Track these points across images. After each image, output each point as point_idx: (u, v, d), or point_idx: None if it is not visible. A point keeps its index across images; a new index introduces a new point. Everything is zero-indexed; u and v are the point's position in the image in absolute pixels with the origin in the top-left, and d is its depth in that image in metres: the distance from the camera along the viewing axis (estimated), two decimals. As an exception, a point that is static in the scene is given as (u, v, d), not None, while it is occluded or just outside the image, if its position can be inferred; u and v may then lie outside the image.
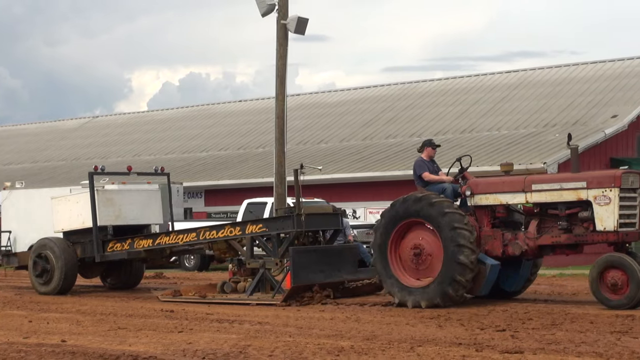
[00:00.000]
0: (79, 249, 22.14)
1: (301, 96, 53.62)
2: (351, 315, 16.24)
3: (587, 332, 13.24)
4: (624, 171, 16.29)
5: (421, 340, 12.75)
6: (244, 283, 19.58)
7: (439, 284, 16.52)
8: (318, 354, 11.63)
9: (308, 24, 29.92)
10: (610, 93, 39.07)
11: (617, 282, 15.54)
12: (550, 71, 43.94)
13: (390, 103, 46.79)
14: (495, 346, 11.97)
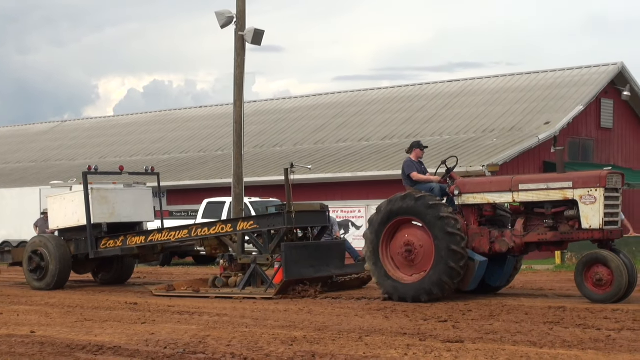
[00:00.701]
0: (73, 246, 21.76)
1: (258, 103, 53.46)
2: (304, 307, 16.23)
3: (522, 322, 13.33)
4: (609, 172, 16.04)
5: (369, 330, 12.77)
6: (235, 278, 19.24)
7: (434, 275, 16.19)
8: (273, 344, 11.61)
9: (264, 36, 29.92)
10: (543, 102, 39.31)
11: (601, 278, 15.37)
12: (489, 81, 44.14)
13: (340, 109, 46.78)
14: (437, 336, 12.02)
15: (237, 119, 30.51)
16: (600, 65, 40.59)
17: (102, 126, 59.04)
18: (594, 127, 39.45)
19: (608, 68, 40.12)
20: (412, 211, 16.56)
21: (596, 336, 11.70)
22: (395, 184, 34.00)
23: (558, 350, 10.65)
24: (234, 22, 29.79)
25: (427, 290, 16.20)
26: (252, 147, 43.63)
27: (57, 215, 22.22)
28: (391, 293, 16.70)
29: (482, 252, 16.46)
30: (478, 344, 11.22)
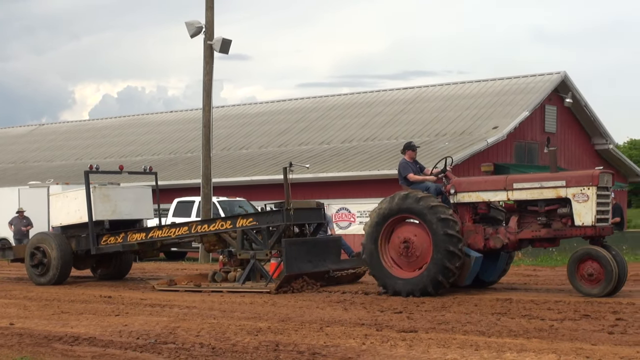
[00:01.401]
0: (74, 243, 21.28)
1: (225, 108, 53.35)
2: (268, 300, 16.21)
3: (472, 313, 13.40)
4: (601, 171, 15.68)
5: (329, 321, 12.78)
6: (234, 273, 18.77)
7: (430, 273, 15.80)
8: (239, 334, 11.60)
9: (232, 45, 29.91)
10: (492, 107, 39.58)
11: (593, 273, 15.06)
12: (441, 88, 44.34)
13: (303, 114, 46.80)
14: (393, 326, 12.05)
15: (206, 123, 30.52)
16: (545, 74, 40.95)
17: (78, 129, 58.64)
18: (538, 131, 39.76)
19: (552, 77, 40.48)
20: (414, 211, 16.16)
21: (540, 326, 11.79)
22: (355, 184, 34.30)
23: (505, 339, 10.72)
24: (203, 32, 29.83)
25: (422, 287, 15.84)
26: (220, 149, 43.52)
27: (59, 212, 21.75)
28: (387, 288, 16.33)
29: (477, 249, 16.18)
30: (431, 334, 11.27)
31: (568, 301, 14.57)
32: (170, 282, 19.25)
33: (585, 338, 10.61)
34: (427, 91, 44.47)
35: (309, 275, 17.95)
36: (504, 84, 41.59)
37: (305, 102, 49.40)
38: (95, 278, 23.05)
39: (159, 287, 19.06)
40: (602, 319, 12.32)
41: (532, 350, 9.75)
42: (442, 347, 10.14)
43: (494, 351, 9.79)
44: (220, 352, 10.30)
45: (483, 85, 42.55)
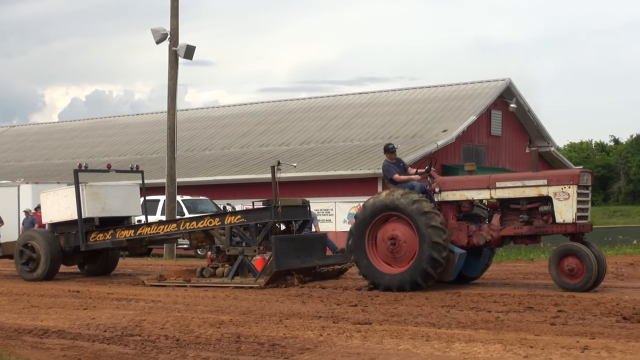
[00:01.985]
0: (62, 240, 20.77)
1: (189, 111, 53.05)
2: (230, 294, 16.14)
3: (423, 306, 13.44)
4: (581, 170, 15.51)
5: (288, 314, 12.76)
6: (222, 268, 18.35)
7: (418, 266, 15.43)
8: (202, 327, 11.54)
9: (195, 51, 29.80)
10: (441, 112, 39.78)
11: (573, 268, 14.84)
12: (394, 93, 44.49)
13: (263, 117, 46.71)
14: (349, 318, 12.06)
15: (171, 126, 30.35)
16: (491, 81, 41.24)
17: (48, 131, 58.05)
18: (485, 134, 40.04)
19: (497, 83, 40.77)
20: (396, 207, 15.82)
21: (487, 317, 11.86)
22: (313, 184, 34.27)
23: (454, 330, 10.76)
24: (168, 39, 29.66)
25: (412, 280, 15.50)
26: (184, 150, 43.28)
27: (49, 209, 21.11)
28: (377, 284, 15.88)
29: (461, 245, 15.86)
30: (384, 326, 11.29)
31: (513, 294, 14.66)
32: (160, 278, 18.81)
33: (529, 329, 10.69)
34: (381, 96, 44.59)
35: (297, 271, 17.52)
36: (452, 90, 41.82)
37: (265, 106, 49.31)
38: (82, 274, 22.54)
39: (149, 282, 18.64)
40: (544, 311, 12.42)
41: (480, 341, 9.80)
42: (395, 338, 10.17)
43: (444, 341, 9.83)
44: (184, 343, 10.24)
45: (433, 90, 42.76)
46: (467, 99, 40.03)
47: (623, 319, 11.41)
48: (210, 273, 18.47)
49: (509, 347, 9.31)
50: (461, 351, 9.21)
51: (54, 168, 47.55)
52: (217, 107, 53.56)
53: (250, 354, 9.46)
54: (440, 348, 9.43)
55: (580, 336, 10.01)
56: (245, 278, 17.83)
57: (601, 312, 12.13)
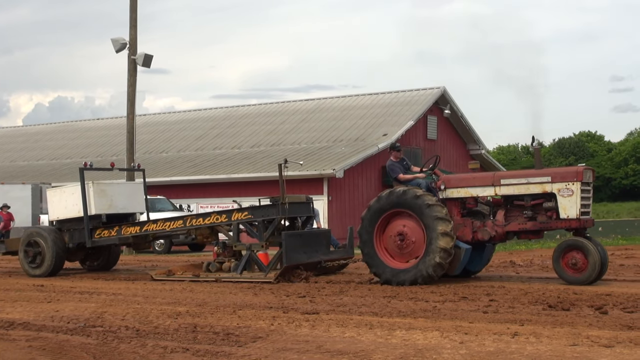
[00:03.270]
0: (67, 236, 19.97)
1: (147, 116, 52.62)
2: (187, 287, 16.00)
3: (366, 297, 13.45)
4: (584, 168, 14.87)
5: (241, 305, 12.69)
6: (228, 263, 17.63)
7: (428, 258, 14.86)
8: (161, 317, 11.42)
9: (153, 60, 29.54)
10: (382, 117, 39.95)
11: (577, 262, 14.40)
12: (338, 100, 44.56)
13: (217, 122, 46.48)
14: (298, 309, 12.03)
15: (130, 130, 30.04)
16: (427, 89, 41.53)
17: (12, 134, 57.19)
18: (422, 138, 40.29)
19: (433, 91, 41.08)
20: (401, 203, 15.32)
21: (425, 307, 11.91)
22: (263, 185, 34.15)
23: (395, 318, 10.79)
24: (127, 48, 29.38)
25: (424, 272, 14.88)
26: (142, 153, 42.87)
27: (57, 207, 20.20)
28: (389, 279, 15.21)
29: (466, 241, 15.37)
30: (331, 315, 11.27)
31: (449, 286, 14.75)
32: (169, 272, 18.15)
33: (464, 317, 10.76)
34: (326, 102, 44.64)
35: (304, 266, 16.95)
36: (392, 97, 42.02)
37: (218, 111, 49.07)
38: (84, 270, 21.75)
39: (157, 276, 17.96)
40: (477, 300, 12.51)
41: (419, 328, 9.84)
42: (341, 327, 10.16)
43: (386, 329, 9.84)
44: (144, 333, 10.12)
45: (375, 97, 42.92)
46: (406, 105, 40.25)
47: (549, 307, 11.55)
48: (217, 268, 17.75)
49: (446, 334, 9.35)
50: (402, 338, 9.23)
51: (19, 169, 46.79)
52: (174, 113, 53.16)
53: (206, 342, 9.38)
54: (383, 335, 9.44)
55: (510, 323, 10.10)
56: (255, 273, 17.14)
57: (529, 301, 12.26)
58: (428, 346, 8.68)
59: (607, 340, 8.67)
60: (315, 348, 8.77)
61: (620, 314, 10.80)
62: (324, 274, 17.44)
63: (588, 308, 11.33)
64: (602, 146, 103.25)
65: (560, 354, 8.07)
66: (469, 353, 8.24)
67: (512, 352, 8.19)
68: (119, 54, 29.74)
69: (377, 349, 8.63)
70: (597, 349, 8.25)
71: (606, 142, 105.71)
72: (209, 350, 8.90)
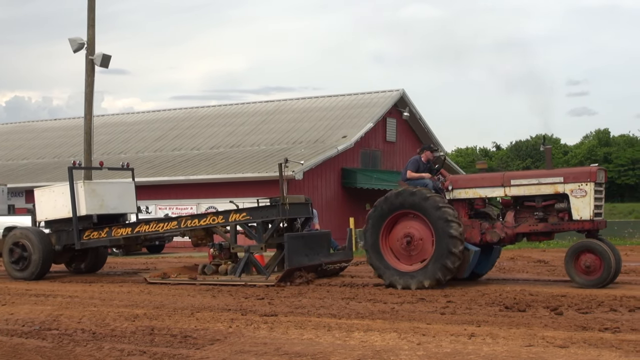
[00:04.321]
0: (54, 238, 19.12)
1: (105, 116, 52.12)
2: (144, 289, 15.88)
3: (325, 298, 13.46)
4: (598, 168, 14.45)
5: (199, 307, 12.62)
6: (225, 266, 16.96)
7: (436, 261, 14.36)
8: (117, 320, 11.31)
9: (111, 60, 29.28)
10: (341, 119, 40.01)
11: (590, 265, 13.91)
12: (298, 102, 44.55)
13: (176, 123, 46.20)
14: (256, 311, 12.00)
15: (87, 130, 29.71)
16: (386, 91, 41.69)
17: (-32, 135, 56.26)
18: (381, 140, 40.43)
19: (392, 93, 41.24)
20: (410, 204, 14.79)
21: (383, 308, 11.95)
22: (222, 186, 34.04)
23: (353, 320, 10.81)
24: (85, 48, 29.05)
25: (431, 276, 14.38)
26: (101, 154, 42.39)
27: (45, 207, 19.33)
28: (395, 282, 14.71)
29: (474, 243, 14.87)
30: (289, 317, 11.26)
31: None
32: (164, 275, 17.37)
33: (422, 318, 10.81)
34: (286, 104, 44.61)
35: (305, 269, 16.39)
36: (352, 99, 42.11)
37: (178, 112, 48.78)
38: (69, 272, 20.98)
39: (151, 279, 17.24)
40: (435, 302, 12.58)
41: (377, 330, 9.87)
42: (299, 329, 10.15)
43: (344, 331, 9.85)
44: (100, 336, 10.01)
45: (334, 99, 42.98)
46: (365, 108, 40.36)
47: (505, 308, 11.65)
48: (213, 270, 17.11)
49: (404, 335, 9.39)
50: (360, 340, 9.25)
51: (-25, 170, 46.07)
52: (132, 113, 52.76)
53: (164, 345, 9.31)
54: (341, 337, 9.45)
55: (467, 324, 10.17)
56: (255, 275, 16.57)
57: (486, 302, 12.36)
58: (386, 347, 8.71)
59: (562, 341, 8.77)
60: (274, 350, 8.75)
61: (575, 314, 10.94)
62: (323, 276, 16.99)
63: (544, 309, 11.45)
64: (559, 149, 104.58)
65: (516, 354, 8.14)
66: (426, 354, 8.28)
67: (468, 353, 8.24)
68: (77, 54, 29.39)
69: (335, 350, 8.63)
70: (552, 350, 8.33)
71: (562, 145, 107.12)
72: (166, 353, 8.83)
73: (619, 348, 8.34)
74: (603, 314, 10.91)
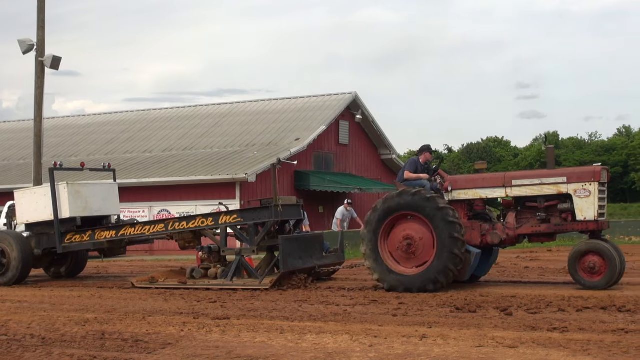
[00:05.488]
0: (34, 242, 18.41)
1: (56, 119, 51.45)
2: (95, 293, 15.70)
3: (278, 301, 13.44)
4: (602, 167, 14.21)
5: (151, 311, 12.52)
6: (214, 269, 16.43)
7: (438, 263, 14.02)
8: (68, 325, 11.17)
9: (62, 62, 28.94)
10: (294, 122, 40.04)
11: (594, 266, 13.65)
12: (251, 104, 44.47)
13: (128, 126, 45.81)
14: (208, 314, 11.94)
15: (37, 133, 29.29)
16: (339, 94, 41.80)
17: None
18: (334, 143, 40.52)
19: (345, 96, 41.36)
20: (410, 206, 14.40)
21: (335, 311, 11.96)
22: (174, 189, 33.83)
23: (306, 323, 10.81)
24: (34, 50, 28.65)
25: (433, 278, 14.03)
26: (51, 157, 41.84)
27: (26, 209, 18.54)
28: (396, 286, 14.31)
29: (474, 245, 14.55)
30: (242, 320, 11.23)
31: (359, 288, 14.86)
32: (152, 280, 16.85)
33: (374, 320, 10.85)
34: (239, 107, 44.50)
35: (299, 272, 15.98)
36: (305, 102, 42.16)
37: (130, 114, 48.38)
38: (48, 277, 20.26)
39: (138, 284, 16.66)
40: (387, 304, 12.64)
41: (329, 332, 9.88)
42: (252, 332, 10.12)
43: (297, 334, 9.85)
44: (50, 342, 9.87)
45: (287, 102, 42.99)
46: (318, 110, 40.43)
47: (456, 310, 11.76)
48: (202, 274, 16.57)
49: (356, 338, 9.41)
50: (312, 342, 9.25)
51: None
52: (83, 116, 52.22)
53: (115, 350, 9.21)
54: (293, 340, 9.44)
55: (419, 326, 10.23)
56: (246, 279, 16.09)
57: (437, 304, 12.46)
58: (338, 350, 8.72)
59: (511, 341, 8.87)
60: (226, 354, 8.71)
61: (525, 315, 11.07)
62: (316, 279, 16.67)
63: (494, 310, 11.58)
64: (509, 151, 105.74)
65: (466, 355, 8.21)
66: (378, 356, 8.31)
67: (420, 354, 8.29)
68: (26, 56, 28.98)
69: (287, 353, 8.62)
70: (502, 350, 8.42)
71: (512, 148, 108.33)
72: (117, 357, 8.74)
73: (567, 347, 8.46)
74: (552, 314, 11.06)
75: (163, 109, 48.55)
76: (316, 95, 42.56)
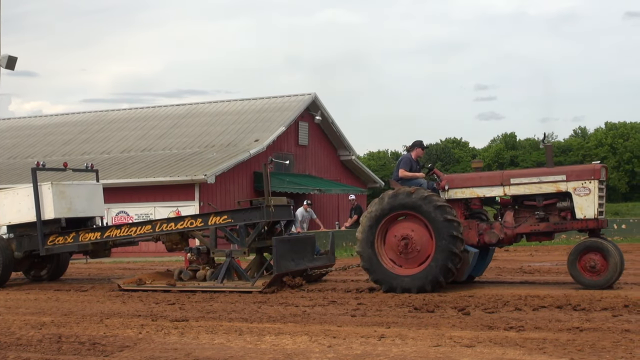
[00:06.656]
0: (14, 244, 17.96)
1: (12, 120, 50.72)
2: (52, 296, 15.54)
3: (237, 302, 13.43)
4: (602, 165, 14.02)
5: (109, 314, 12.42)
6: (203, 271, 16.05)
7: (437, 262, 13.82)
8: (24, 328, 11.04)
9: (18, 62, 28.62)
10: (254, 123, 39.94)
11: (595, 265, 13.52)
12: (210, 105, 44.27)
13: (85, 127, 45.34)
14: (167, 316, 11.88)
15: (-7, 134, 28.94)
16: (298, 95, 41.78)
17: None
18: (293, 144, 40.49)
19: (304, 97, 41.36)
20: (407, 205, 14.17)
21: (294, 312, 11.98)
22: (133, 190, 33.55)
23: (265, 324, 10.80)
24: (-11, 50, 28.29)
25: (433, 278, 13.87)
26: (6, 158, 41.38)
27: (8, 210, 18.04)
28: (394, 287, 14.09)
29: (471, 244, 14.37)
30: (200, 322, 11.19)
31: (319, 289, 14.88)
32: (139, 282, 16.38)
33: (333, 321, 10.88)
34: (198, 108, 44.28)
35: (291, 273, 15.71)
36: (264, 103, 42.09)
37: (87, 115, 47.89)
38: (27, 280, 19.76)
39: (125, 286, 16.23)
40: (346, 304, 12.68)
41: (288, 333, 9.89)
42: (211, 333, 10.09)
43: (256, 335, 9.84)
44: (5, 345, 9.74)
45: (247, 103, 42.87)
46: (277, 111, 40.38)
47: (414, 309, 11.83)
48: (190, 276, 16.17)
49: (315, 338, 9.43)
50: (271, 343, 9.25)
51: None
52: (40, 117, 51.51)
53: (71, 353, 9.12)
54: (252, 341, 9.43)
55: (377, 326, 10.28)
56: (237, 282, 15.72)
57: (395, 304, 12.52)
58: (297, 351, 8.73)
59: (468, 340, 8.95)
60: (184, 356, 8.67)
61: (482, 314, 11.18)
62: (308, 281, 16.37)
63: (451, 309, 11.68)
64: (467, 152, 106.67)
65: (424, 355, 8.27)
66: (336, 356, 8.33)
67: (378, 355, 8.33)
68: (-19, 56, 28.61)
69: (246, 354, 8.61)
70: (459, 349, 8.50)
71: (471, 149, 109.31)
72: (73, 361, 8.66)
73: (523, 346, 8.56)
74: (508, 313, 11.18)
75: (121, 109, 48.15)
76: (275, 96, 42.51)
